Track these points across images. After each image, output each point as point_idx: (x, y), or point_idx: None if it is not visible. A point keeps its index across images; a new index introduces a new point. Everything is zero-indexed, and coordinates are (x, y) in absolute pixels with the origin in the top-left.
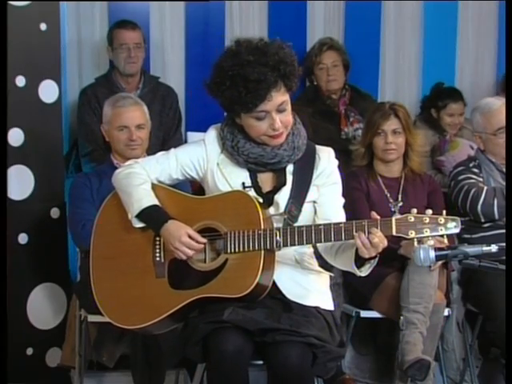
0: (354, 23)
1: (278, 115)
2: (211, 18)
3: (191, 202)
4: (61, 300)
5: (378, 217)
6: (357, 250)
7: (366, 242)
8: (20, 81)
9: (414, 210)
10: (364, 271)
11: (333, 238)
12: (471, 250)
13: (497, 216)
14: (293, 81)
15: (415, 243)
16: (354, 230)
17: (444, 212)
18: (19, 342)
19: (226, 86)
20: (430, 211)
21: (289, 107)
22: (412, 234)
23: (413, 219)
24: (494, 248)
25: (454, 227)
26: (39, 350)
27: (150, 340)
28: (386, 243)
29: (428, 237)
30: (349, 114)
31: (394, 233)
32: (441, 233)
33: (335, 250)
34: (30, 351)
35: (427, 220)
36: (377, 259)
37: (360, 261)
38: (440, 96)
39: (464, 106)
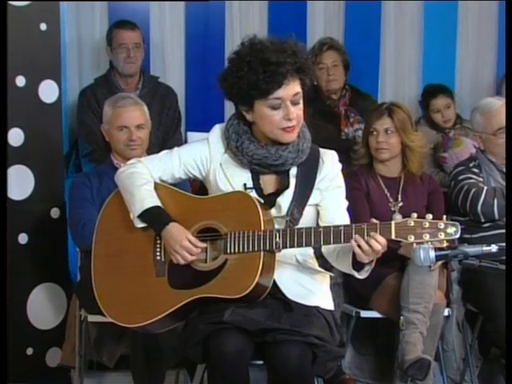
0: (354, 23)
1: (293, 107)
2: (211, 18)
3: (193, 201)
4: (61, 300)
5: (377, 221)
6: (354, 253)
7: (367, 249)
8: (20, 81)
9: (414, 215)
10: (363, 273)
11: (332, 241)
12: (471, 250)
13: (497, 216)
14: (307, 75)
15: (414, 245)
16: (354, 233)
17: (444, 217)
18: (19, 341)
19: (243, 72)
20: (430, 216)
21: (302, 102)
22: (411, 239)
23: (412, 223)
24: (494, 248)
25: (453, 232)
26: (39, 349)
27: (150, 340)
28: (386, 248)
29: (427, 242)
30: (349, 114)
31: (394, 237)
32: (440, 238)
33: (336, 252)
34: (30, 351)
35: (427, 225)
36: (374, 261)
37: (359, 264)
38: (423, 96)
39: (451, 100)
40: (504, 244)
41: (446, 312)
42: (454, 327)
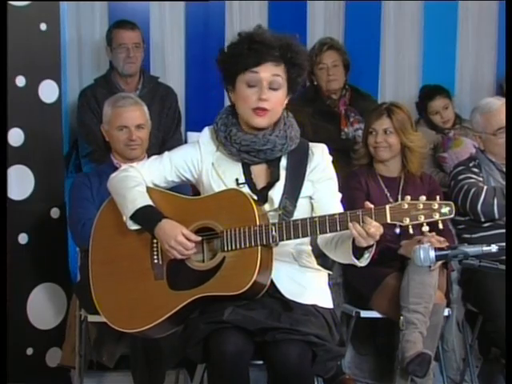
0: (354, 23)
1: (269, 91)
2: (211, 17)
3: (186, 202)
4: (61, 300)
5: (372, 206)
6: (354, 240)
7: (362, 232)
8: (20, 81)
9: (408, 197)
10: (363, 261)
11: (328, 230)
12: (471, 249)
13: (497, 215)
14: (295, 69)
15: (410, 229)
16: (349, 221)
17: (437, 197)
18: (19, 341)
19: (234, 45)
20: (423, 197)
21: (282, 91)
22: (407, 221)
23: (407, 206)
24: (494, 248)
25: (448, 212)
26: (39, 349)
27: (150, 341)
28: (382, 231)
29: (423, 223)
30: (349, 114)
31: (389, 220)
32: (435, 218)
33: (334, 243)
34: (30, 351)
35: (421, 206)
36: (374, 247)
37: (359, 251)
38: (420, 98)
39: (448, 100)
40: (504, 244)
41: (446, 312)
42: (454, 327)
